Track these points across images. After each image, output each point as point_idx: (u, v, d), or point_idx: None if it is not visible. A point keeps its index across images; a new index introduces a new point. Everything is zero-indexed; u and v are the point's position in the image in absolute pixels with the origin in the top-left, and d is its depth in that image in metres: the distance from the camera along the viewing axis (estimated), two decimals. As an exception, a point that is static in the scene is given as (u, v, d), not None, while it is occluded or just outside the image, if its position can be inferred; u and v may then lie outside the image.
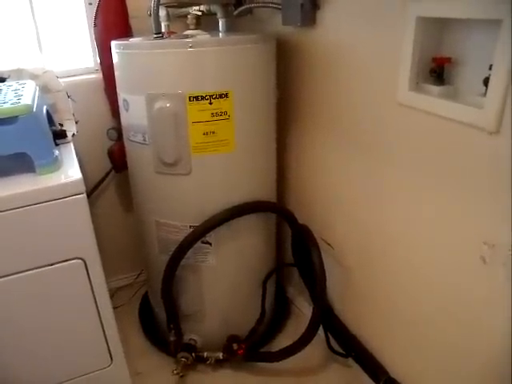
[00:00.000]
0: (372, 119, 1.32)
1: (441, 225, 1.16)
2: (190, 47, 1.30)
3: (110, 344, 1.36)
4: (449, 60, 1.07)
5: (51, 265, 1.16)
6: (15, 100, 1.11)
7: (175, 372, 1.62)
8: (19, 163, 1.15)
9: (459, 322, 1.17)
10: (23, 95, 1.15)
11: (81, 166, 1.23)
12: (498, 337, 1.07)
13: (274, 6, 1.52)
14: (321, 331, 1.60)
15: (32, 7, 1.68)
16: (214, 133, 1.37)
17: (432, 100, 1.09)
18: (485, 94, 0.96)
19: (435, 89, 1.09)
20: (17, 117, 1.07)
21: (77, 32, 1.81)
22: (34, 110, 1.11)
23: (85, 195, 1.13)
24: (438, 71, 1.09)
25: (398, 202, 1.29)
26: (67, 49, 1.82)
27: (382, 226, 1.38)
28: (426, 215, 1.20)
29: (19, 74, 1.46)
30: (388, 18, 1.18)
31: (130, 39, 1.47)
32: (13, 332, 1.21)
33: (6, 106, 1.08)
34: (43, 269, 1.16)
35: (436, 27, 1.08)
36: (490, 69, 0.94)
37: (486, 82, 0.96)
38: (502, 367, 1.06)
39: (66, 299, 1.23)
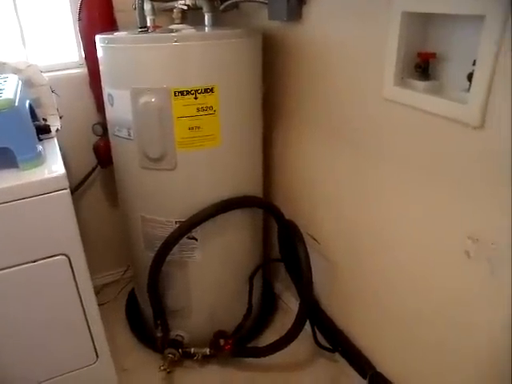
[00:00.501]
0: (358, 114, 1.32)
1: (426, 220, 1.17)
2: (175, 42, 1.28)
3: (95, 341, 1.35)
4: (434, 55, 1.07)
5: (35, 261, 1.15)
6: (-3, 94, 1.09)
7: (162, 368, 1.62)
8: (1, 158, 1.14)
9: (445, 317, 1.18)
10: (5, 89, 1.14)
11: (66, 162, 1.22)
12: (483, 331, 1.08)
13: (260, 0, 1.51)
14: (307, 326, 1.61)
15: (15, 0, 1.65)
16: (199, 128, 1.37)
17: (417, 95, 1.09)
18: (469, 90, 0.97)
19: (420, 84, 1.09)
20: (-2, 111, 1.05)
21: (61, 26, 1.78)
22: (16, 104, 1.10)
23: (68, 191, 1.12)
24: (423, 66, 1.09)
25: (384, 197, 1.30)
26: (51, 43, 1.80)
27: (368, 222, 1.39)
28: (412, 210, 1.21)
29: (1, 68, 1.44)
30: (373, 12, 1.18)
31: (115, 33, 1.45)
32: (-4, 329, 1.20)
33: (-14, 100, 1.06)
34: (26, 265, 1.15)
35: (421, 22, 1.08)
36: (474, 64, 0.94)
37: (469, 77, 0.96)
38: (489, 364, 1.07)
39: (51, 296, 1.22)
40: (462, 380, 1.18)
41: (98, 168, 1.90)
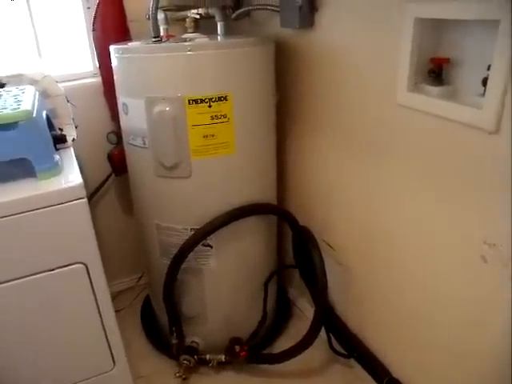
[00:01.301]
0: (372, 120, 1.32)
1: (441, 224, 1.16)
2: (189, 51, 1.30)
3: (112, 348, 1.36)
4: (447, 60, 1.07)
5: (53, 270, 1.16)
6: (15, 105, 1.11)
7: (178, 375, 1.63)
8: (20, 168, 1.16)
9: (461, 322, 1.17)
10: (23, 101, 1.16)
11: (81, 170, 1.23)
12: (499, 337, 1.07)
13: (272, 8, 1.52)
14: (323, 332, 1.61)
15: (30, 12, 1.68)
16: (213, 136, 1.38)
17: (431, 100, 1.09)
18: (483, 95, 0.96)
19: (434, 89, 1.09)
20: (17, 122, 1.07)
21: (75, 36, 1.81)
22: (34, 115, 1.11)
23: (86, 200, 1.13)
24: (436, 72, 1.09)
25: (399, 203, 1.30)
26: (66, 53, 1.82)
27: (382, 227, 1.38)
28: (426, 214, 1.21)
29: (18, 80, 1.46)
30: (386, 19, 1.18)
31: (129, 43, 1.47)
32: (15, 337, 1.21)
33: (5, 111, 1.08)
34: (45, 274, 1.16)
35: (434, 28, 1.08)
36: (489, 69, 0.94)
37: (484, 82, 0.96)
38: (503, 368, 1.06)
39: (68, 304, 1.24)
40: (479, 385, 1.17)
41: (113, 176, 1.92)
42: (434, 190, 1.16)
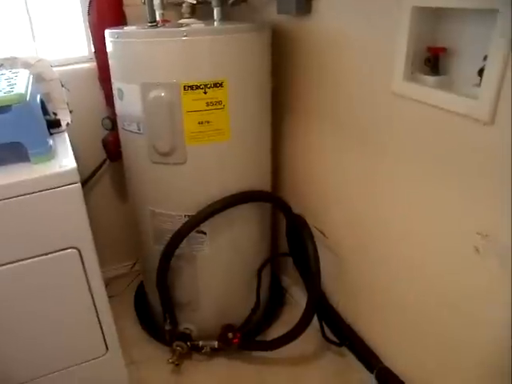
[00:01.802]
0: (367, 108, 1.32)
1: (435, 214, 1.17)
2: (185, 36, 1.29)
3: (105, 333, 1.36)
4: (444, 50, 1.07)
5: (46, 254, 1.15)
6: (8, 89, 1.10)
7: (170, 361, 1.64)
8: (13, 152, 1.14)
9: (453, 312, 1.18)
10: (16, 84, 1.14)
11: (75, 156, 1.22)
12: (492, 326, 1.08)
13: (269, -6, 1.51)
14: (315, 320, 1.61)
15: (25, -5, 1.66)
16: (208, 122, 1.37)
17: (427, 90, 1.09)
18: (479, 85, 0.96)
19: (430, 79, 1.09)
20: (10, 106, 1.05)
21: (71, 20, 1.79)
22: (28, 98, 1.10)
23: (79, 184, 1.12)
24: (432, 61, 1.09)
25: (393, 192, 1.30)
26: (61, 37, 1.80)
27: (376, 216, 1.39)
28: (420, 204, 1.21)
29: (12, 63, 1.45)
30: (383, 7, 1.18)
31: (125, 28, 1.46)
32: (7, 321, 1.21)
33: (-1, 94, 1.07)
34: (38, 258, 1.15)
35: (431, 17, 1.07)
36: (485, 59, 0.94)
37: (480, 72, 0.96)
38: (498, 356, 1.08)
39: (61, 289, 1.23)
40: (467, 374, 1.18)
41: (108, 162, 1.91)
42: (428, 180, 1.16)
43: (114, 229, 2.09)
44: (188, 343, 1.66)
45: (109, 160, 1.89)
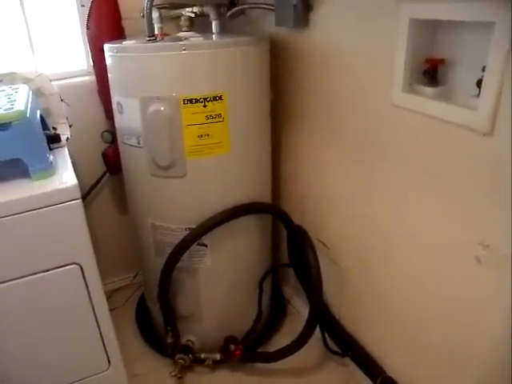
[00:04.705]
0: (366, 120, 1.33)
1: (436, 225, 1.17)
2: (184, 50, 1.29)
3: (107, 347, 1.36)
4: (442, 61, 1.07)
5: (47, 271, 1.16)
6: (8, 106, 1.10)
7: (173, 373, 1.63)
8: (14, 169, 1.15)
9: (455, 322, 1.18)
10: (16, 100, 1.15)
11: (75, 169, 1.23)
12: (492, 337, 1.08)
13: (267, 7, 1.51)
14: (317, 331, 1.61)
15: (24, 9, 1.66)
16: (208, 135, 1.37)
17: (426, 101, 1.10)
18: (478, 96, 0.96)
19: (429, 90, 1.09)
20: (10, 123, 1.06)
21: (69, 34, 1.79)
22: (28, 115, 1.11)
23: (80, 201, 1.13)
24: (431, 72, 1.09)
25: (393, 203, 1.30)
26: (60, 51, 1.81)
27: (377, 226, 1.39)
28: (421, 215, 1.21)
29: (12, 78, 1.45)
30: (381, 19, 1.18)
31: (123, 42, 1.47)
32: (10, 338, 1.21)
33: (-1, 111, 1.07)
34: (40, 275, 1.15)
35: (429, 28, 1.08)
36: (484, 70, 0.94)
37: (479, 83, 0.96)
38: (497, 368, 1.07)
39: (63, 304, 1.23)
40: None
41: (107, 175, 1.91)
42: (428, 191, 1.16)
43: (114, 241, 2.08)
44: (190, 355, 1.65)
45: (109, 173, 1.89)
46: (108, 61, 1.45)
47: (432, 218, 1.17)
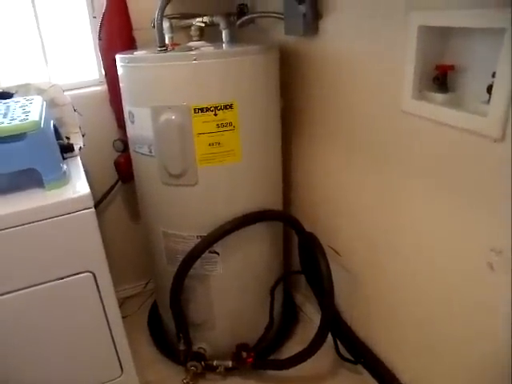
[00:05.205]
0: (377, 127, 1.33)
1: (448, 231, 1.16)
2: (194, 60, 1.31)
3: (120, 355, 1.37)
4: (452, 68, 1.07)
5: (61, 279, 1.17)
6: (23, 116, 1.12)
7: (185, 381, 1.64)
8: (28, 178, 1.17)
9: (467, 330, 1.17)
10: (31, 111, 1.17)
11: (88, 178, 1.24)
12: (506, 344, 1.07)
13: (276, 15, 1.53)
14: (329, 338, 1.60)
15: (37, 21, 1.70)
16: (219, 144, 1.38)
17: (436, 108, 1.10)
18: (488, 102, 0.96)
19: (439, 96, 1.09)
20: (25, 133, 1.08)
21: (82, 45, 1.82)
22: (42, 125, 1.12)
23: (93, 210, 1.14)
24: (441, 79, 1.09)
25: (404, 209, 1.30)
26: (72, 62, 1.84)
27: (388, 233, 1.38)
28: (433, 221, 1.21)
29: (26, 89, 1.48)
30: (390, 27, 1.19)
31: (135, 52, 1.48)
32: (24, 345, 1.22)
33: (14, 122, 1.09)
34: (53, 283, 1.17)
35: (438, 35, 1.08)
36: (494, 76, 0.94)
37: (489, 89, 0.96)
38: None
39: (77, 311, 1.24)
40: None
41: (120, 183, 1.93)
42: (439, 197, 1.16)
43: (127, 249, 2.10)
44: (202, 363, 1.66)
45: (121, 181, 1.91)
46: (119, 71, 1.47)
47: (444, 224, 1.17)
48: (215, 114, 1.35)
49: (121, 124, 1.71)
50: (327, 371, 1.70)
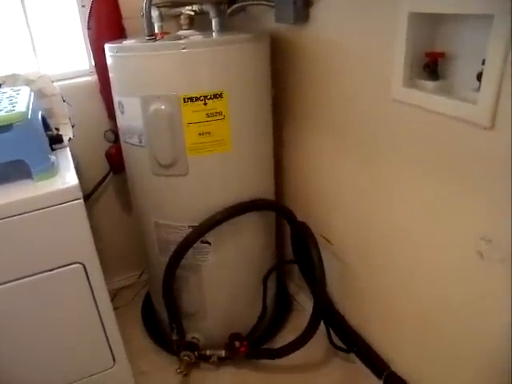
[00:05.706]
0: (367, 115, 1.32)
1: (438, 220, 1.17)
2: (184, 49, 1.29)
3: (112, 346, 1.37)
4: (442, 55, 1.07)
5: (51, 270, 1.17)
6: (10, 107, 1.11)
7: (178, 371, 1.64)
8: (16, 170, 1.16)
9: (458, 317, 1.18)
10: (18, 102, 1.15)
11: (79, 169, 1.24)
12: (495, 332, 1.07)
13: (267, 3, 1.51)
14: (322, 327, 1.61)
15: (25, 10, 1.67)
16: (209, 133, 1.37)
17: (426, 95, 1.09)
18: (478, 89, 0.96)
19: (429, 84, 1.09)
20: (11, 124, 1.07)
21: (71, 35, 1.80)
22: (29, 116, 1.11)
23: (81, 201, 1.13)
24: (431, 66, 1.09)
25: (395, 198, 1.30)
26: (61, 52, 1.81)
27: (379, 222, 1.39)
28: (423, 210, 1.21)
29: (14, 80, 1.46)
30: (380, 14, 1.18)
31: (124, 41, 1.47)
32: (15, 337, 1.22)
33: (0, 113, 1.08)
34: (43, 274, 1.16)
35: (428, 22, 1.07)
36: (483, 64, 0.94)
37: (479, 77, 0.96)
38: (502, 364, 1.07)
39: (67, 303, 1.24)
40: (475, 379, 1.18)
41: (111, 174, 1.92)
42: (429, 185, 1.16)
43: (119, 240, 2.09)
44: (195, 352, 1.66)
45: (112, 172, 1.90)
46: (108, 61, 1.45)
47: (433, 212, 1.17)
48: (205, 104, 1.34)
49: (112, 114, 1.69)
50: (320, 360, 1.71)
